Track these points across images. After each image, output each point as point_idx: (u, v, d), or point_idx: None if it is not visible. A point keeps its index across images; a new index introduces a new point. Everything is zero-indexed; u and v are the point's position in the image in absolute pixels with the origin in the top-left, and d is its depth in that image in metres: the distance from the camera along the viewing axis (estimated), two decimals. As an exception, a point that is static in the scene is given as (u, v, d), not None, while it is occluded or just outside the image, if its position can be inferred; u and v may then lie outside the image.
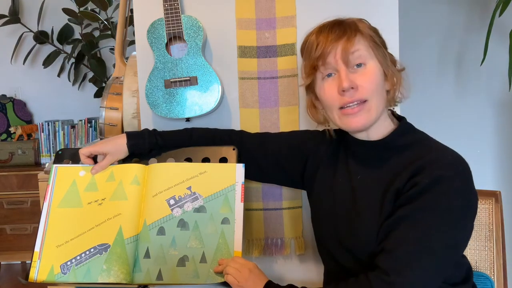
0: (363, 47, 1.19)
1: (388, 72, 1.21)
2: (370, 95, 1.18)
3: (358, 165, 1.25)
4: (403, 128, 1.23)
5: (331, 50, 1.18)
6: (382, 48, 1.22)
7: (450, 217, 1.09)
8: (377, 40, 1.22)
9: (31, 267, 1.33)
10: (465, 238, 1.15)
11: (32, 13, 3.44)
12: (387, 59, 1.22)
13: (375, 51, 1.20)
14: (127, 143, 1.42)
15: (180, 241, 1.34)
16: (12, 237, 3.29)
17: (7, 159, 3.42)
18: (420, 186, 1.10)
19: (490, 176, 2.77)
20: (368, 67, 1.19)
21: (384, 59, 1.21)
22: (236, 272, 1.22)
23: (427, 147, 1.18)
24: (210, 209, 1.37)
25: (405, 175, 1.13)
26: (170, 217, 1.37)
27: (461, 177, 1.12)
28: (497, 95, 2.74)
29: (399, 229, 1.10)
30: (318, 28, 1.23)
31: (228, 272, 1.23)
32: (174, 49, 1.59)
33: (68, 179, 1.43)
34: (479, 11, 2.68)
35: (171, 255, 1.33)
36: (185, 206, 1.38)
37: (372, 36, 1.21)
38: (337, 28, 1.20)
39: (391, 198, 1.15)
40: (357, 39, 1.19)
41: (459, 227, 1.11)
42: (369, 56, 1.19)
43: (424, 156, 1.14)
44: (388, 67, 1.21)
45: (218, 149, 1.45)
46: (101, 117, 1.99)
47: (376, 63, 1.20)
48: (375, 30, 1.24)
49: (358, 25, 1.21)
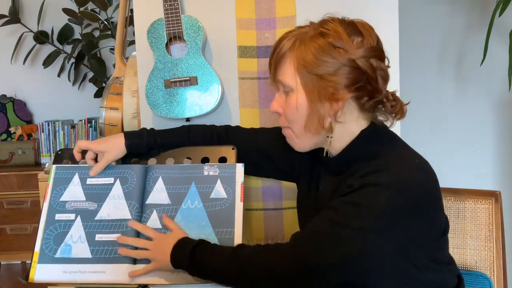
0: (289, 74, 1.14)
1: (314, 104, 1.12)
2: (293, 125, 1.18)
3: (324, 175, 1.26)
4: (357, 141, 1.16)
5: (269, 66, 1.20)
6: (317, 75, 1.11)
7: (367, 216, 1.04)
8: (315, 64, 1.11)
9: (31, 267, 1.33)
10: (379, 243, 1.06)
11: (32, 13, 3.44)
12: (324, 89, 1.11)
13: (302, 79, 1.12)
14: (125, 142, 1.42)
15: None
16: (12, 237, 3.30)
17: (7, 159, 3.42)
18: (352, 187, 1.08)
19: (490, 176, 2.77)
20: (291, 96, 1.15)
21: (314, 89, 1.12)
22: (142, 252, 1.27)
23: (376, 159, 1.11)
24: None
25: (345, 185, 1.12)
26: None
27: (400, 190, 1.05)
28: (497, 95, 2.74)
29: (319, 215, 1.11)
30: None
31: (135, 252, 1.28)
32: (174, 49, 1.59)
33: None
34: (479, 11, 2.68)
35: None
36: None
37: (307, 60, 1.11)
38: (272, 51, 1.18)
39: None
40: (285, 66, 1.15)
41: (372, 228, 1.05)
42: (293, 83, 1.14)
43: (368, 166, 1.10)
44: (317, 98, 1.12)
45: (218, 149, 1.45)
46: (101, 117, 1.99)
47: (300, 92, 1.13)
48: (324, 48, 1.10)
49: (298, 43, 1.13)
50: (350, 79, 1.11)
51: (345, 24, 1.14)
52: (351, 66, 1.10)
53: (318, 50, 1.11)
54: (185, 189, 1.40)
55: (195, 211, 1.37)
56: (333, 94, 1.11)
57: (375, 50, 1.13)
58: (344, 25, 1.13)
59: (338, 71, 1.10)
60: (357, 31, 1.13)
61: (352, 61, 1.10)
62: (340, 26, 1.13)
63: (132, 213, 1.37)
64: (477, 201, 1.50)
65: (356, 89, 1.11)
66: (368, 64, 1.11)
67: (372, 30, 1.16)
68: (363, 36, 1.13)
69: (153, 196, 1.40)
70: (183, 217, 1.36)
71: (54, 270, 1.32)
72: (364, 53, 1.11)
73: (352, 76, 1.11)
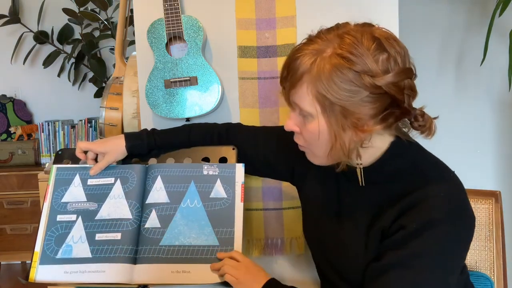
0: (307, 102, 1.02)
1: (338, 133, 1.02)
2: (313, 148, 1.09)
3: (348, 185, 1.16)
4: (392, 152, 1.08)
5: (281, 85, 1.08)
6: (339, 109, 0.99)
7: (441, 261, 1.02)
8: (335, 101, 0.98)
9: (31, 267, 1.33)
10: (458, 270, 1.09)
11: (32, 13, 3.44)
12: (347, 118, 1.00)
13: (323, 109, 1.00)
14: (126, 144, 1.42)
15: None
16: (12, 237, 3.30)
17: (7, 159, 3.41)
18: (407, 230, 1.02)
19: (490, 176, 2.77)
20: (310, 121, 1.04)
21: (339, 122, 1.00)
22: (233, 270, 1.21)
23: (417, 177, 1.06)
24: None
25: (391, 213, 1.05)
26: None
27: (452, 217, 1.02)
28: (497, 95, 2.74)
29: (389, 275, 1.03)
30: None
31: (225, 271, 1.22)
32: (174, 49, 1.59)
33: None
34: (479, 11, 2.68)
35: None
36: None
37: (325, 96, 0.98)
38: (285, 67, 1.05)
39: (377, 235, 1.08)
40: (300, 92, 1.02)
41: (450, 268, 1.04)
42: (313, 111, 1.02)
43: (412, 191, 1.03)
44: (341, 128, 1.01)
45: (218, 149, 1.45)
46: (101, 117, 1.99)
47: (321, 121, 1.02)
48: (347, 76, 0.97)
49: (308, 76, 1.00)
50: (376, 108, 1.00)
51: (367, 40, 0.99)
52: (377, 93, 0.99)
53: (340, 78, 0.98)
54: (184, 188, 1.40)
55: (195, 210, 1.37)
56: (357, 124, 1.01)
57: (403, 71, 1.01)
58: (366, 41, 0.99)
59: (363, 100, 0.99)
60: (381, 47, 1.00)
61: (379, 88, 0.98)
62: (362, 45, 0.99)
63: (133, 213, 1.37)
64: (477, 201, 1.50)
65: (384, 117, 1.01)
66: (396, 89, 0.99)
67: (397, 42, 1.03)
68: (388, 53, 1.00)
69: (152, 195, 1.40)
70: (183, 216, 1.36)
71: (56, 271, 1.32)
72: (392, 79, 0.99)
73: (378, 104, 1.00)
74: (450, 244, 1.02)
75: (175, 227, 1.35)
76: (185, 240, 1.34)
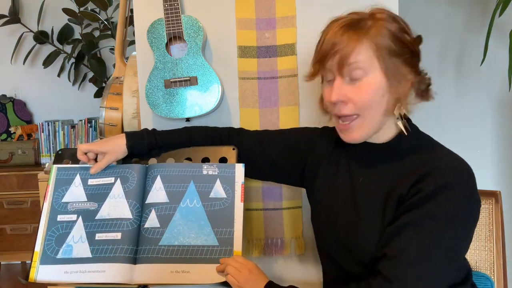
0: (365, 58, 1.11)
1: (393, 85, 1.13)
2: (362, 111, 1.14)
3: (361, 167, 1.22)
4: (411, 130, 1.19)
5: (330, 55, 1.13)
6: (395, 58, 1.13)
7: (453, 226, 1.07)
8: (392, 49, 1.12)
9: (31, 267, 1.33)
10: (467, 246, 1.14)
11: (32, 13, 3.44)
12: (399, 70, 1.13)
13: (381, 62, 1.12)
14: (126, 143, 1.42)
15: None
16: (12, 237, 3.30)
17: (7, 159, 3.42)
18: (424, 192, 1.08)
19: (490, 176, 2.77)
20: (365, 81, 1.12)
21: (393, 71, 1.12)
22: (236, 272, 1.21)
23: (431, 152, 1.15)
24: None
25: (408, 181, 1.11)
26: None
27: (466, 185, 1.10)
28: (497, 95, 2.74)
29: (402, 236, 1.08)
30: (331, 21, 1.17)
31: (228, 272, 1.22)
32: (174, 49, 1.59)
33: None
34: (479, 11, 2.68)
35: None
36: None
37: (385, 45, 1.11)
38: (344, 30, 1.12)
39: (394, 203, 1.12)
40: (359, 49, 1.11)
41: (462, 236, 1.10)
42: (370, 68, 1.12)
43: (428, 162, 1.11)
44: (395, 79, 1.13)
45: (218, 149, 1.45)
46: (101, 117, 1.99)
47: (378, 75, 1.12)
48: (395, 33, 1.13)
49: (371, 29, 1.12)
50: (414, 63, 1.16)
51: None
52: (413, 50, 1.16)
53: (394, 34, 1.13)
54: (183, 188, 1.40)
55: (194, 210, 1.37)
56: (406, 76, 1.14)
57: (418, 37, 1.20)
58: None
59: (408, 54, 1.15)
60: (403, 21, 1.18)
61: (413, 45, 1.16)
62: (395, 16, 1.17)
63: (133, 213, 1.37)
64: (477, 201, 1.50)
65: (417, 72, 1.17)
66: (418, 52, 1.19)
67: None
68: (407, 26, 1.19)
69: (152, 195, 1.40)
70: (182, 216, 1.36)
71: (56, 271, 1.32)
72: (417, 40, 1.18)
73: (414, 60, 1.17)
74: (462, 211, 1.08)
75: (174, 227, 1.35)
76: (184, 240, 1.34)
